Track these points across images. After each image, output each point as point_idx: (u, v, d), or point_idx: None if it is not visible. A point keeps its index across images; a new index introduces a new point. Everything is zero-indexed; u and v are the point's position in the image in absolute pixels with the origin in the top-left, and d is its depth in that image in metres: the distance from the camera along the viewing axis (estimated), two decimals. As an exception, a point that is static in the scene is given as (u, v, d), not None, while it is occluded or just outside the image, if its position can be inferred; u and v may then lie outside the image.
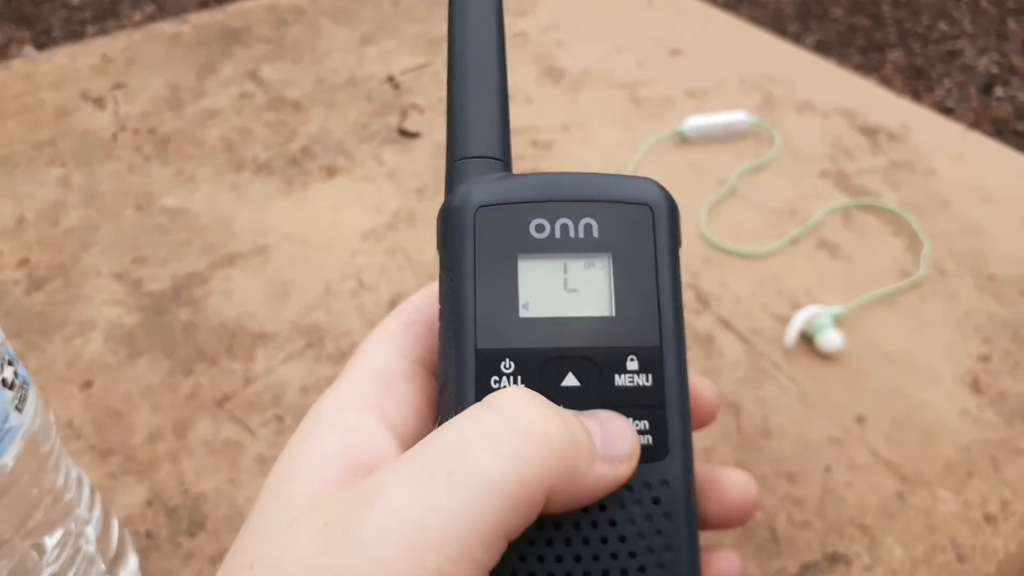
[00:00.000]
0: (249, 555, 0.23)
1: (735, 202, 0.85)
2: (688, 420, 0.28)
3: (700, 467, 0.29)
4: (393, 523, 0.21)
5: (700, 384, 0.30)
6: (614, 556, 0.26)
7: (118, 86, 1.01)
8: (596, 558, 0.26)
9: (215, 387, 0.67)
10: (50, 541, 0.47)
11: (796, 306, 0.73)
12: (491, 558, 0.22)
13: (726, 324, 0.72)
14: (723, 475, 0.29)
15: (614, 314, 0.28)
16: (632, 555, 0.26)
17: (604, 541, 0.26)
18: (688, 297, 0.75)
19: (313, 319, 0.73)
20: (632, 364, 0.28)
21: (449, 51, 0.31)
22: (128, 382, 0.67)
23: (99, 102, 0.98)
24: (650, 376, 0.27)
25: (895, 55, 2.77)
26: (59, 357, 0.72)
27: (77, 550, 0.49)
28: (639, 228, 0.28)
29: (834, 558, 0.58)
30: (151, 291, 0.76)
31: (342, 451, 0.25)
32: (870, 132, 0.95)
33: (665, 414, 0.27)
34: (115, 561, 0.55)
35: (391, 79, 1.02)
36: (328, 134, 0.93)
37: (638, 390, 0.27)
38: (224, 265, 0.78)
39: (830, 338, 0.70)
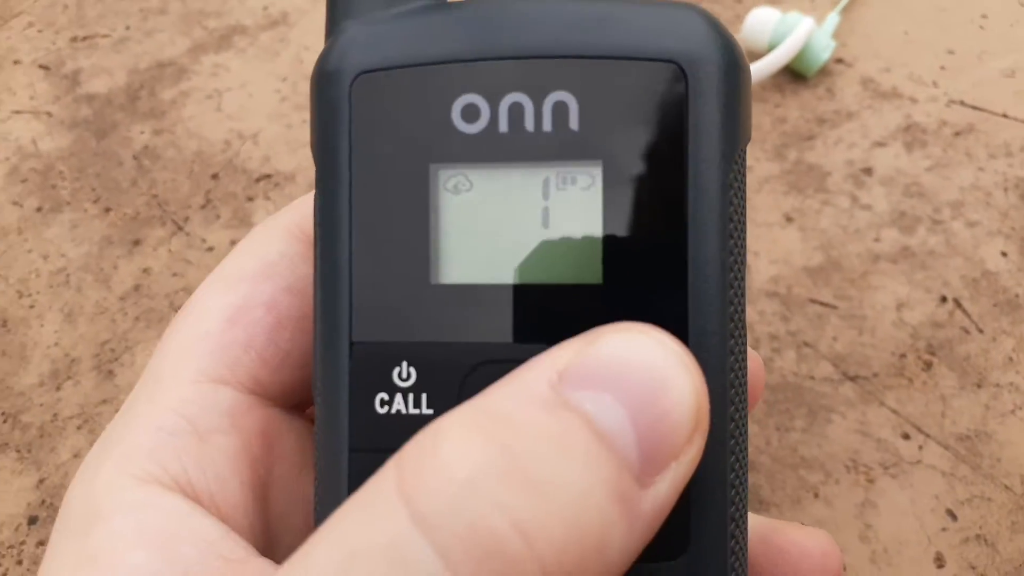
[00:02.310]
0: None
1: None
2: (728, 486, 0.17)
3: (757, 526, 0.20)
4: None
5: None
6: None
7: None
8: None
9: (176, 275, 0.40)
10: None
11: None
12: None
13: None
14: (787, 540, 0.21)
15: (602, 281, 0.17)
16: None
17: None
18: None
19: None
20: None
21: None
22: (30, 261, 0.41)
23: None
24: None
25: None
26: (-79, 211, 0.41)
27: None
28: (658, 111, 0.17)
29: None
30: (93, 93, 0.48)
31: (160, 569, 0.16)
32: None
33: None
34: None
35: None
36: None
37: None
38: (215, 46, 0.49)
39: None
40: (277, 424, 0.20)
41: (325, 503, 0.18)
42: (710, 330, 0.17)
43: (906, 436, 0.32)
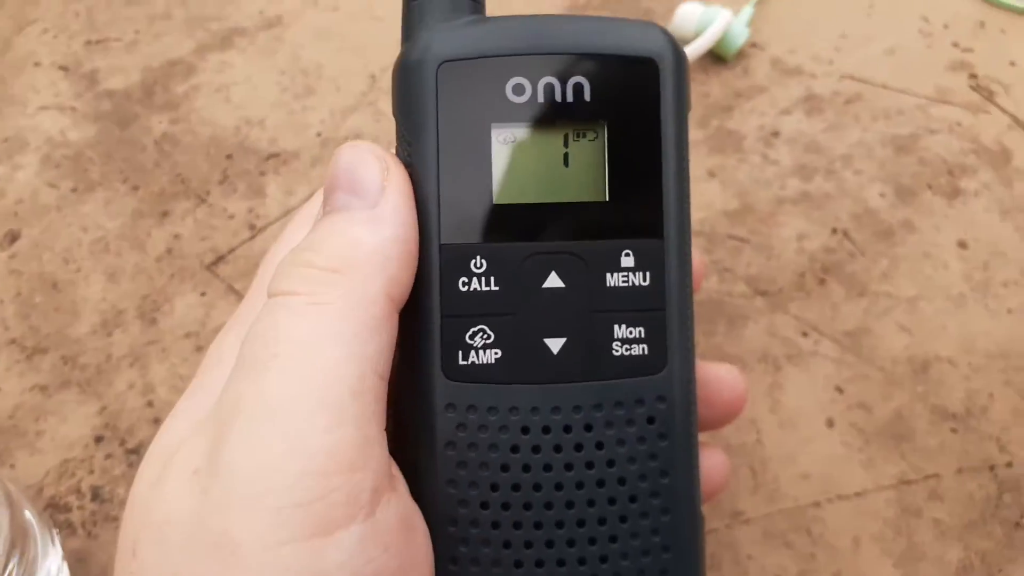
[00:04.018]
0: (131, 536, 0.22)
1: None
2: (691, 326, 0.26)
3: None
4: (248, 449, 0.21)
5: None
6: (600, 483, 0.25)
7: None
8: (580, 486, 0.25)
9: (203, 239, 0.46)
10: None
11: None
12: (368, 409, 0.22)
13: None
14: (710, 373, 0.29)
15: (608, 199, 0.25)
16: (622, 482, 0.25)
17: (590, 466, 0.25)
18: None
19: (353, 127, 0.50)
20: (627, 260, 0.25)
21: None
22: (71, 233, 0.47)
23: None
24: (648, 275, 0.25)
25: None
26: (-30, 195, 0.47)
27: None
28: (642, 89, 0.26)
29: None
30: (111, 89, 0.53)
31: None
32: None
33: (664, 319, 0.25)
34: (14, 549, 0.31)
35: None
36: None
37: (633, 291, 0.25)
38: (218, 47, 0.55)
39: None
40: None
41: (424, 353, 0.25)
42: (676, 227, 0.25)
43: (804, 334, 0.40)
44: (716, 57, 0.50)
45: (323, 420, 0.21)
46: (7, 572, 0.31)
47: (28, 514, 0.34)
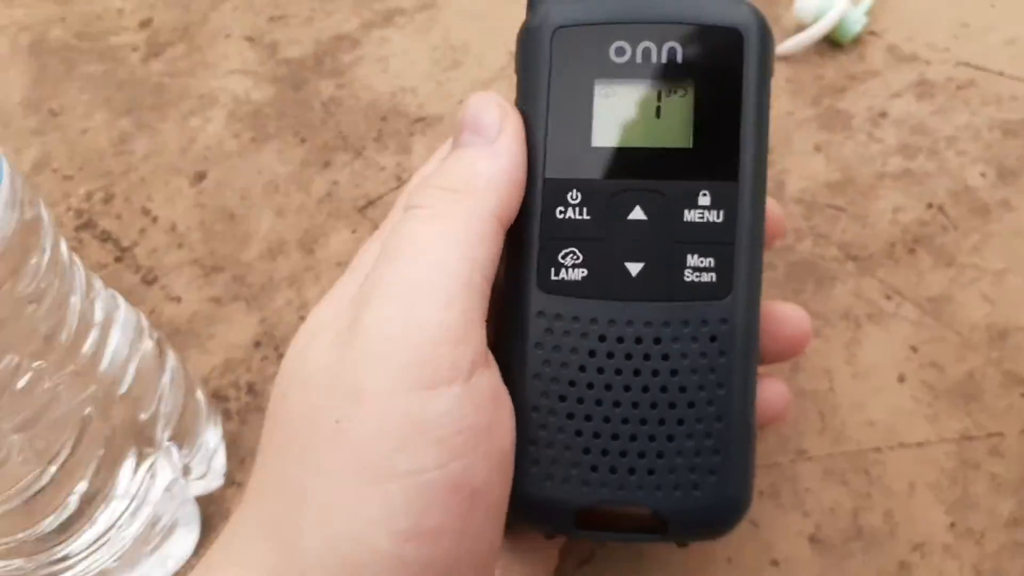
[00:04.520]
0: (283, 385, 0.28)
1: None
2: (759, 263, 0.28)
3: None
4: (380, 319, 0.26)
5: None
6: (663, 389, 0.28)
7: None
8: (645, 389, 0.28)
9: (357, 186, 0.53)
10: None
11: None
12: (475, 298, 0.27)
13: None
14: (777, 310, 0.31)
15: (691, 146, 0.28)
16: (683, 389, 0.28)
17: (655, 373, 0.28)
18: None
19: None
20: (704, 199, 0.28)
21: None
22: (249, 175, 0.54)
23: None
24: (721, 212, 0.28)
25: None
26: (171, 141, 0.56)
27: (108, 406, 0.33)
28: (727, 55, 0.28)
29: None
30: (288, 58, 0.61)
31: None
32: None
33: (733, 252, 0.28)
34: (182, 430, 0.38)
35: None
36: None
37: (707, 226, 0.28)
38: (380, 24, 0.62)
39: None
40: None
41: (523, 267, 0.29)
42: (751, 174, 0.28)
43: (888, 297, 0.42)
44: (833, 43, 0.53)
45: (439, 301, 0.25)
46: (168, 433, 0.39)
47: (199, 394, 0.42)
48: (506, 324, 0.29)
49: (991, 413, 0.39)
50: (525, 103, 0.29)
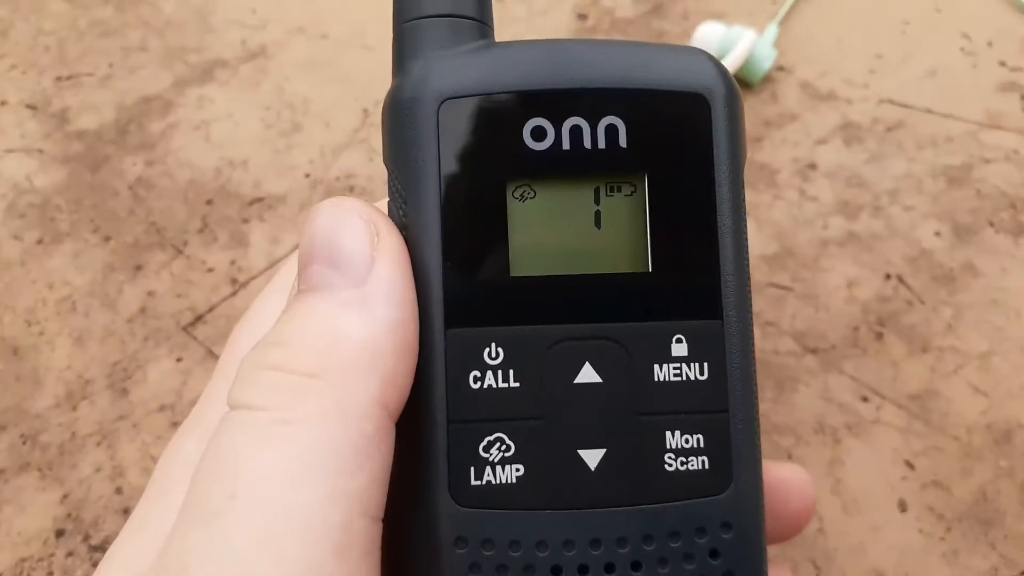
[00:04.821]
0: None
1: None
2: (757, 431, 0.21)
3: None
4: None
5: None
6: None
7: None
8: None
9: (180, 296, 0.42)
10: None
11: None
12: (355, 570, 0.17)
13: None
14: (773, 477, 0.24)
15: (650, 270, 0.21)
16: None
17: None
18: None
19: (345, 167, 0.45)
20: (679, 348, 0.21)
21: None
22: (35, 291, 0.43)
23: None
24: (705, 366, 0.21)
25: None
26: (-75, 249, 0.42)
27: None
28: (689, 132, 0.21)
29: None
30: (82, 129, 0.50)
31: None
32: None
33: (728, 423, 0.21)
34: None
35: None
36: None
37: (688, 387, 0.21)
38: (198, 80, 0.52)
39: None
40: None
41: (426, 472, 0.20)
42: (737, 303, 0.21)
43: (864, 399, 0.35)
44: (741, 82, 0.46)
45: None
46: None
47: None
48: (406, 563, 0.21)
49: (1018, 541, 0.32)
50: (405, 214, 0.21)
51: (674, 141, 0.21)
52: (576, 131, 0.21)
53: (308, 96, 0.49)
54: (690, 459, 0.21)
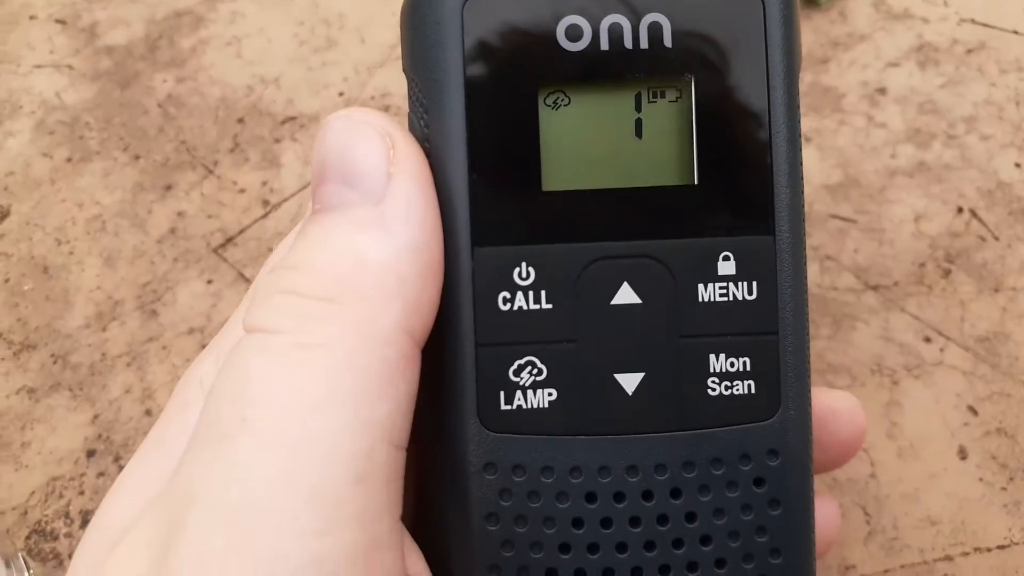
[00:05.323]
0: None
1: None
2: (808, 355, 0.20)
3: None
4: (201, 560, 0.15)
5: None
6: (692, 568, 0.19)
7: None
8: (665, 572, 0.19)
9: (211, 217, 0.41)
10: None
11: None
12: (378, 498, 0.16)
13: None
14: (823, 403, 0.23)
15: (695, 182, 0.19)
16: (720, 564, 0.19)
17: (678, 545, 0.19)
18: None
19: (380, 86, 0.44)
20: (726, 266, 0.19)
21: None
22: (65, 210, 0.42)
23: None
24: (754, 285, 0.19)
25: None
26: (-46, 165, 0.42)
27: None
28: (740, 33, 0.19)
29: None
30: (112, 45, 0.48)
31: None
32: None
33: (777, 345, 0.19)
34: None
35: None
36: None
37: (735, 308, 0.19)
38: None
39: None
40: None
41: (454, 397, 0.19)
42: (790, 219, 0.19)
43: (927, 339, 0.33)
44: (807, 1, 0.43)
45: (312, 520, 0.15)
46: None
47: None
48: (434, 489, 0.20)
49: (1080, 494, 0.30)
50: (427, 126, 0.20)
51: (724, 41, 0.20)
52: (616, 29, 0.20)
53: (343, 11, 0.47)
54: (736, 383, 0.20)
